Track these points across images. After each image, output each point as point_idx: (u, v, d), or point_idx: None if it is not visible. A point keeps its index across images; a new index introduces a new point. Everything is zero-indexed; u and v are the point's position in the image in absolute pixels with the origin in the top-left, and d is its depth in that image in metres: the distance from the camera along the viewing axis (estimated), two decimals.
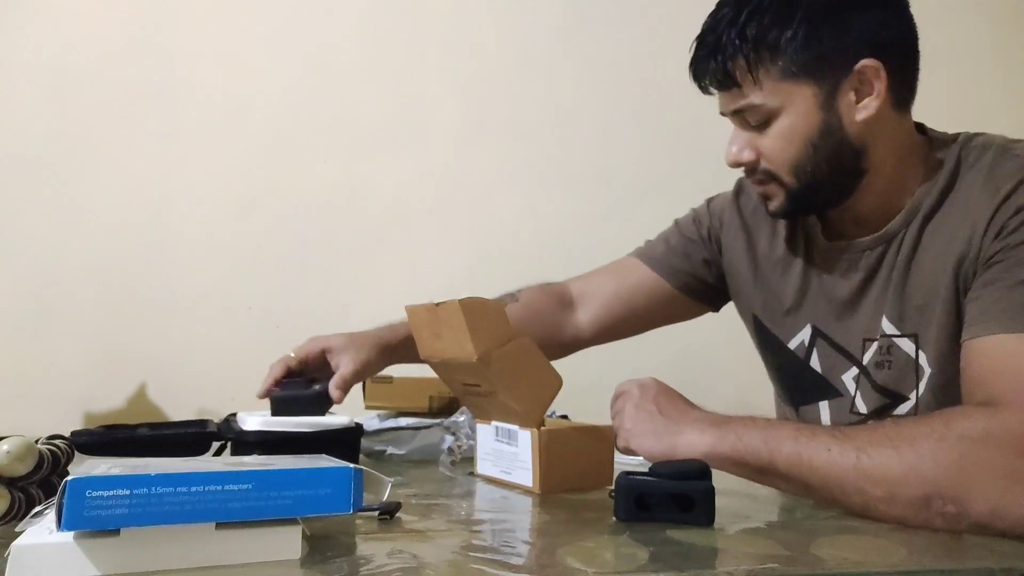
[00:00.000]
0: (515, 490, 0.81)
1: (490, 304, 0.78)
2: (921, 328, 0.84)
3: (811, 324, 0.95)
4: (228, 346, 1.50)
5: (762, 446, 0.72)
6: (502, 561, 0.53)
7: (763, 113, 0.83)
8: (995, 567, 0.53)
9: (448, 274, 1.59)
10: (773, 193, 0.88)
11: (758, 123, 0.84)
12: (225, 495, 0.49)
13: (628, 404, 0.81)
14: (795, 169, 0.84)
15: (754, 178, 0.89)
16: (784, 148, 0.84)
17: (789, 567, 0.51)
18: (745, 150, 0.87)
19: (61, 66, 1.48)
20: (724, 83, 0.84)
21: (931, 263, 0.83)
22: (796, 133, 0.83)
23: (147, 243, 1.50)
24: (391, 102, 1.63)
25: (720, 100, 0.88)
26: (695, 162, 1.73)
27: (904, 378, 0.86)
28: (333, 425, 0.90)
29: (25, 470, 0.60)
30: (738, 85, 0.83)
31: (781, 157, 0.84)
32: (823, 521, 0.68)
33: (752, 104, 0.83)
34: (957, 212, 0.81)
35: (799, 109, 0.82)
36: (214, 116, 1.55)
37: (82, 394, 1.43)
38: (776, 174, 0.86)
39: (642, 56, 1.74)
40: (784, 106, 0.83)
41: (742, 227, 1.04)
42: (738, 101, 0.84)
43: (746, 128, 0.87)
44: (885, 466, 0.66)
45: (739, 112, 0.85)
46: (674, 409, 0.79)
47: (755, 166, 0.87)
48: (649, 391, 0.81)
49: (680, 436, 0.75)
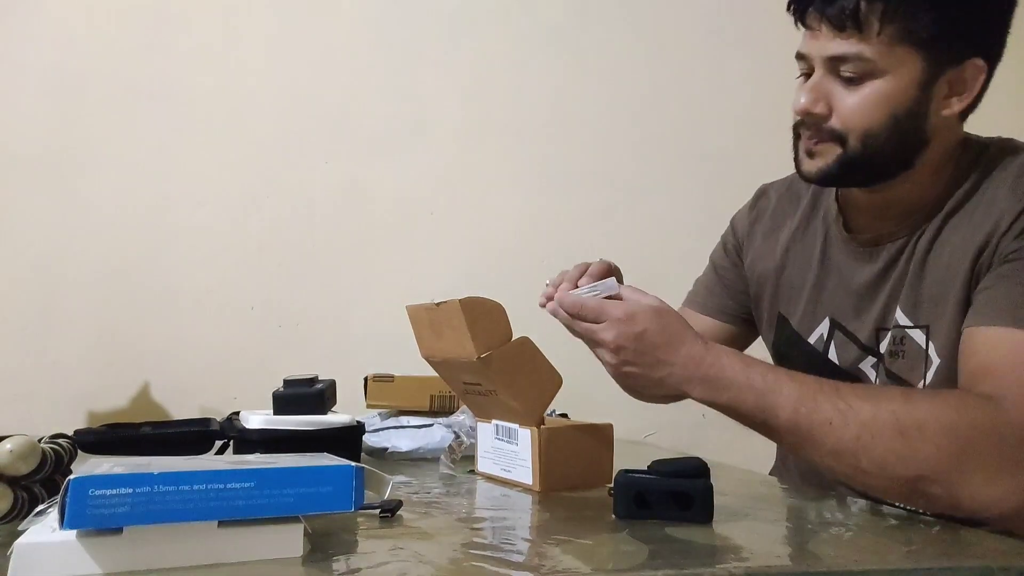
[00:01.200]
0: (515, 488, 0.81)
1: (490, 303, 0.78)
2: (933, 320, 0.84)
3: (829, 317, 0.95)
4: (230, 345, 1.50)
5: (757, 413, 0.73)
6: (502, 559, 0.53)
7: (866, 69, 0.79)
8: (995, 566, 0.53)
9: (449, 274, 1.60)
10: (824, 153, 0.84)
11: (851, 77, 0.80)
12: (227, 493, 0.50)
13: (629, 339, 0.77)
14: (867, 136, 0.81)
15: (812, 133, 0.84)
16: (869, 111, 0.80)
17: (788, 565, 0.51)
18: (820, 102, 0.82)
19: (62, 65, 1.48)
20: (844, 22, 0.78)
21: (948, 257, 0.83)
22: (887, 100, 0.80)
23: (149, 242, 1.50)
24: (393, 102, 1.63)
25: (813, 43, 0.82)
26: (695, 162, 1.73)
27: (915, 368, 0.86)
28: (335, 423, 0.90)
29: (28, 469, 0.60)
30: (859, 29, 0.78)
31: (861, 120, 0.81)
32: (823, 519, 0.68)
33: (862, 55, 0.78)
34: (981, 210, 0.82)
35: (902, 78, 0.79)
36: (216, 116, 1.55)
37: (85, 393, 1.43)
38: (844, 135, 0.82)
39: (642, 57, 1.74)
40: (889, 69, 0.79)
41: (762, 229, 1.06)
42: (847, 47, 0.79)
43: (828, 76, 0.82)
44: (886, 448, 0.67)
45: (838, 60, 0.80)
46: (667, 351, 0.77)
47: (822, 121, 0.83)
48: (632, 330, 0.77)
49: (673, 383, 0.77)
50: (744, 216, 1.11)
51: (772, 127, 1.72)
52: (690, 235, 1.70)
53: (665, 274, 1.67)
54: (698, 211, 1.70)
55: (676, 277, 1.67)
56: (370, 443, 1.04)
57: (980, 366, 0.74)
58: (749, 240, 1.09)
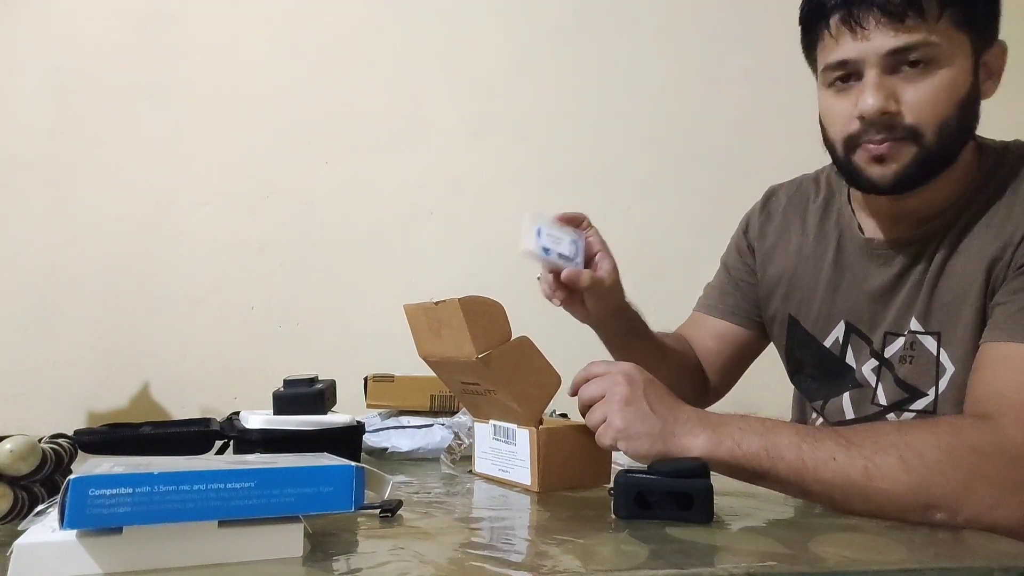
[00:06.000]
0: (514, 488, 0.81)
1: (490, 303, 0.78)
2: (946, 327, 0.84)
3: (844, 320, 0.95)
4: (231, 345, 1.50)
5: (763, 453, 0.69)
6: (503, 559, 0.53)
7: (932, 56, 0.77)
8: (995, 567, 0.53)
9: (449, 274, 1.60)
10: (899, 155, 0.80)
11: (918, 68, 0.77)
12: (227, 493, 0.50)
13: (615, 398, 0.73)
14: (942, 126, 0.78)
15: (887, 135, 0.79)
16: (942, 101, 0.77)
17: (789, 565, 0.51)
18: (891, 100, 0.78)
19: (63, 65, 1.48)
20: (906, 11, 0.75)
21: (964, 264, 0.83)
22: (955, 88, 0.78)
23: (150, 242, 1.50)
24: (394, 102, 1.63)
25: (864, 44, 0.78)
26: (696, 162, 1.73)
27: (925, 374, 0.86)
28: (335, 423, 0.90)
29: (28, 469, 0.60)
30: (921, 15, 0.76)
31: (935, 111, 0.77)
32: (823, 519, 0.68)
33: (929, 41, 0.76)
34: (998, 218, 0.81)
35: (961, 64, 0.78)
36: (217, 116, 1.55)
37: (85, 393, 1.43)
38: (920, 130, 0.78)
39: (643, 57, 1.74)
40: (952, 55, 0.77)
41: (773, 229, 1.06)
42: (911, 37, 0.76)
43: (888, 75, 0.78)
44: (892, 478, 0.66)
45: (901, 52, 0.77)
46: (666, 408, 0.72)
47: (895, 120, 0.79)
48: (638, 385, 0.73)
49: (674, 440, 0.71)
50: (755, 217, 1.10)
51: (774, 127, 1.73)
52: (691, 235, 1.70)
53: (665, 274, 1.69)
54: (699, 211, 1.70)
55: (676, 277, 1.68)
56: (370, 443, 1.04)
57: (988, 382, 0.74)
58: (760, 241, 1.08)
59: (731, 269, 1.12)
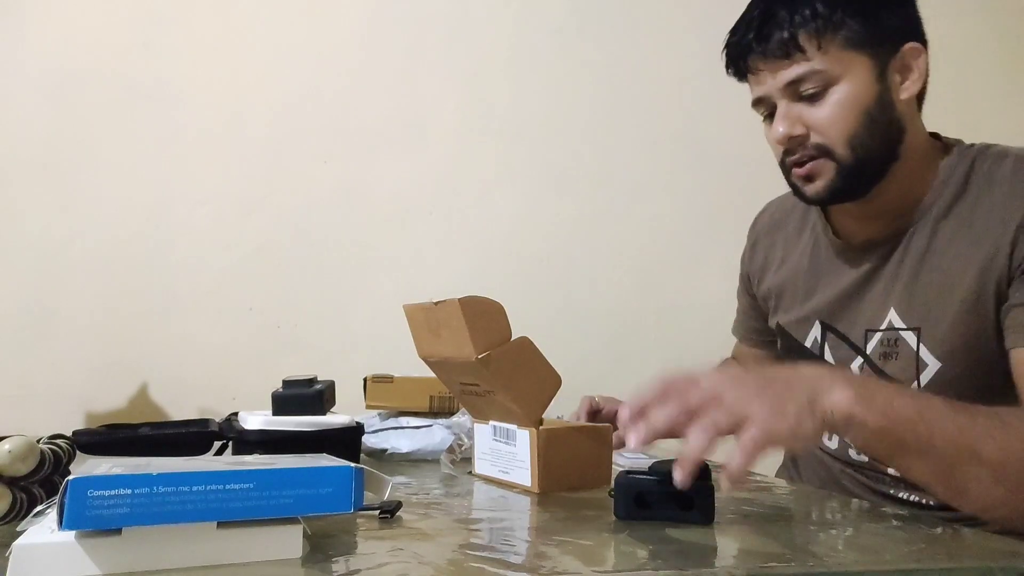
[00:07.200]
0: (514, 489, 0.81)
1: (490, 303, 0.78)
2: (926, 324, 0.85)
3: (819, 319, 0.97)
4: (229, 346, 1.50)
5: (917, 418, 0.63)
6: (502, 559, 0.53)
7: (823, 80, 0.83)
8: (995, 566, 0.53)
9: (448, 274, 1.59)
10: (821, 171, 0.86)
11: (814, 93, 0.84)
12: (226, 494, 0.50)
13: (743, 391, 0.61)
14: (851, 139, 0.84)
15: (802, 155, 0.87)
16: (843, 117, 0.84)
17: (788, 566, 0.51)
18: (796, 124, 0.86)
19: (61, 66, 1.48)
20: (788, 50, 0.84)
21: (949, 263, 0.84)
22: (855, 101, 0.84)
23: (148, 243, 1.50)
24: (392, 103, 1.62)
25: (765, 83, 0.87)
26: (695, 163, 1.73)
27: (906, 370, 0.87)
28: (334, 424, 0.90)
29: (27, 470, 0.60)
30: (802, 51, 0.83)
31: (838, 127, 0.84)
32: (823, 520, 0.68)
33: (815, 70, 0.83)
34: (980, 216, 0.83)
35: (858, 78, 0.83)
36: (215, 117, 1.55)
37: (83, 394, 1.43)
38: (830, 147, 0.85)
39: (642, 57, 1.74)
40: (844, 74, 0.83)
41: (760, 251, 1.11)
42: (799, 69, 0.84)
43: (794, 103, 0.86)
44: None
45: (796, 83, 0.84)
46: (791, 373, 0.64)
47: (805, 141, 0.86)
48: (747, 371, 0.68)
49: (819, 400, 0.61)
50: (747, 243, 1.16)
51: None
52: (690, 235, 1.70)
53: (665, 274, 1.69)
54: (698, 211, 1.70)
55: (676, 277, 1.68)
56: (369, 444, 1.04)
57: None
58: (751, 265, 1.14)
59: (740, 296, 1.20)
